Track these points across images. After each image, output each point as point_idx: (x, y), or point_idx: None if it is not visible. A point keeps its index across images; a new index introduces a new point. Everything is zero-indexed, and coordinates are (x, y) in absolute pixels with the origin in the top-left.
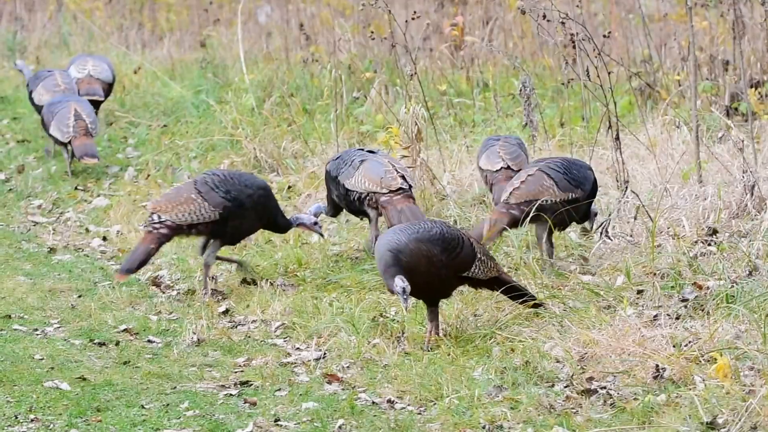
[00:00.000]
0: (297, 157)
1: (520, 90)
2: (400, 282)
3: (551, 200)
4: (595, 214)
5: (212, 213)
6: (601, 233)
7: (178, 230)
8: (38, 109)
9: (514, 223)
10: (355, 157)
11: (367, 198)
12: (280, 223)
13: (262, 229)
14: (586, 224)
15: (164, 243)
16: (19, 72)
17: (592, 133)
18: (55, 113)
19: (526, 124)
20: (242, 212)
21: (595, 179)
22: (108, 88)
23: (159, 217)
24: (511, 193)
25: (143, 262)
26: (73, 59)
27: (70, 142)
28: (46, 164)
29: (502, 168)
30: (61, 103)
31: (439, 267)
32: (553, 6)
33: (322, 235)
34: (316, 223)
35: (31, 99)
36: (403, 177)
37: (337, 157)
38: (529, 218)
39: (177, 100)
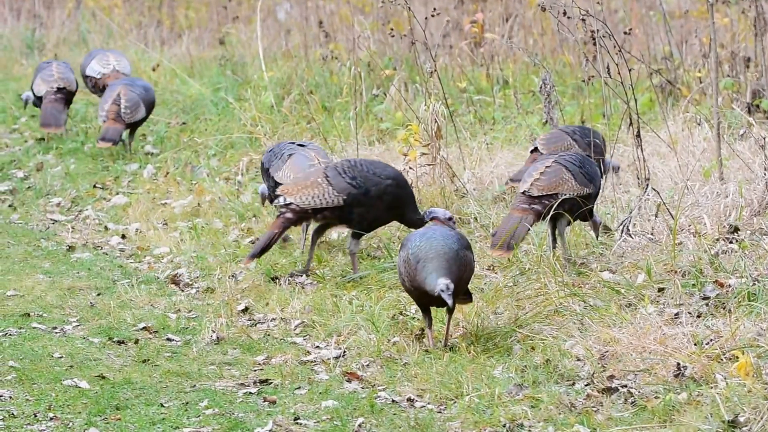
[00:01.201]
0: None
1: (541, 87)
2: (444, 280)
3: (570, 194)
4: (600, 223)
5: (336, 198)
6: (622, 231)
7: (303, 214)
8: (39, 100)
9: (539, 218)
10: (285, 151)
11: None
12: (410, 218)
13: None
14: (592, 233)
15: (288, 227)
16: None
17: (613, 130)
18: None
19: (547, 121)
20: (368, 200)
21: (601, 176)
22: None
23: (285, 199)
24: (532, 184)
25: (267, 247)
26: (92, 54)
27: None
28: (64, 162)
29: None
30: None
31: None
32: (573, 3)
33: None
34: (450, 218)
35: (32, 91)
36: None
37: (270, 150)
38: (551, 213)
39: (196, 97)
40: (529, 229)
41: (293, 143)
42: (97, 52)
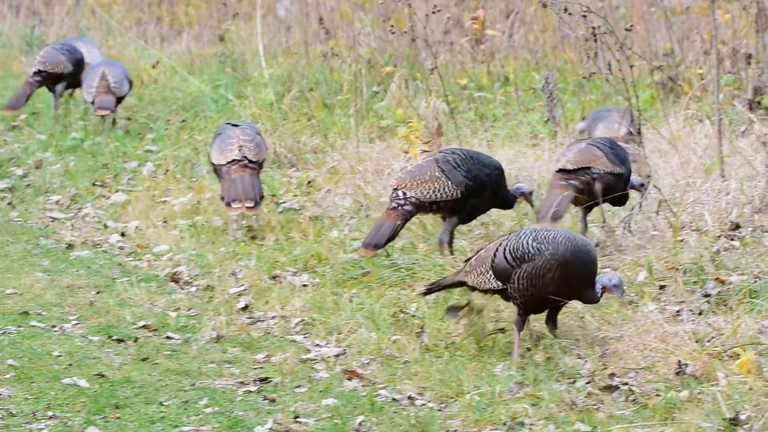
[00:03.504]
0: (316, 152)
1: (543, 86)
2: (614, 276)
3: (602, 170)
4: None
5: (455, 191)
6: (624, 228)
7: (421, 207)
8: None
9: (579, 193)
10: (217, 131)
11: (218, 170)
12: (509, 199)
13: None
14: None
15: (408, 219)
16: None
17: None
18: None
19: (548, 119)
20: (481, 191)
21: (631, 162)
22: None
23: (404, 193)
24: (567, 160)
25: (391, 238)
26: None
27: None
28: (64, 159)
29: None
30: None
31: None
32: None
33: (533, 205)
34: (531, 193)
35: None
36: (240, 147)
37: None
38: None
39: (196, 94)
40: (570, 202)
41: (228, 123)
42: (69, 41)
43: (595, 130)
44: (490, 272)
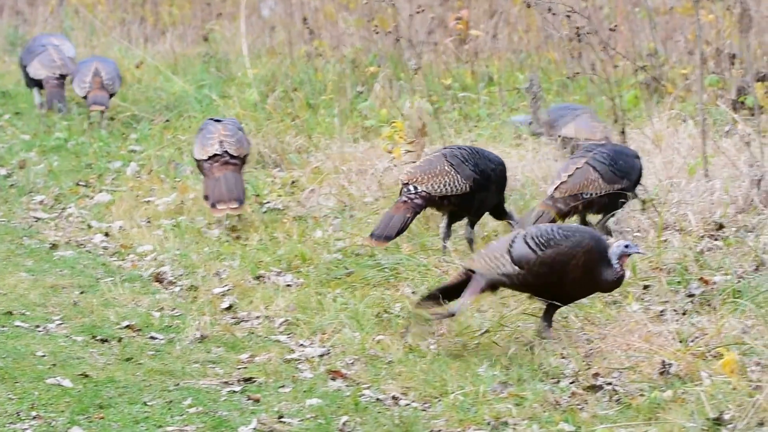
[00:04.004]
0: (300, 152)
1: (527, 88)
2: (621, 241)
3: (596, 193)
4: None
5: (464, 185)
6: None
7: (431, 201)
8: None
9: (562, 215)
10: (201, 127)
11: (200, 166)
12: (501, 204)
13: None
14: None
15: (418, 213)
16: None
17: None
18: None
19: (532, 122)
20: (488, 186)
21: (641, 167)
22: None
23: (415, 188)
24: (557, 188)
25: (401, 230)
26: (38, 39)
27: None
28: (48, 159)
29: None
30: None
31: None
32: None
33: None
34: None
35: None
36: (221, 143)
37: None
38: (568, 213)
39: (179, 94)
40: (548, 220)
41: (211, 119)
42: (41, 37)
43: (564, 128)
44: (507, 256)
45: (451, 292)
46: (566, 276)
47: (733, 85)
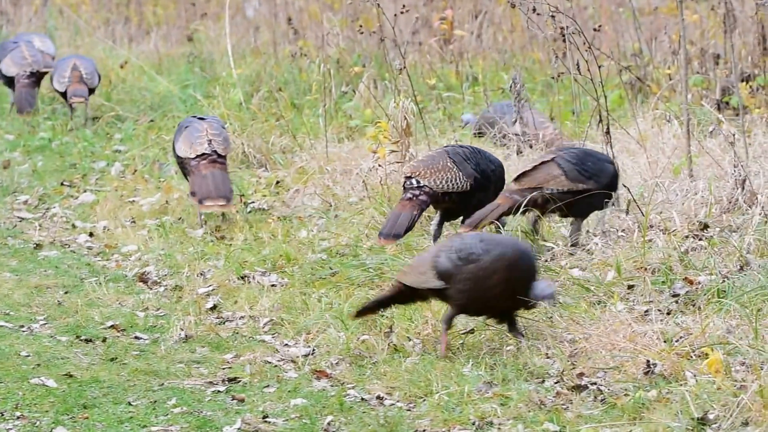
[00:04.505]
0: (285, 152)
1: (511, 86)
2: (548, 286)
3: (557, 189)
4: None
5: (465, 183)
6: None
7: (434, 198)
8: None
9: (516, 207)
10: (183, 124)
11: (185, 163)
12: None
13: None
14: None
15: (424, 210)
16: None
17: (583, 127)
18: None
19: (516, 120)
20: (488, 186)
21: (616, 173)
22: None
23: (418, 182)
24: (517, 179)
25: (409, 228)
26: (18, 37)
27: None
28: (32, 159)
29: None
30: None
31: None
32: None
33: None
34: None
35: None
36: (210, 142)
37: (179, 125)
38: (525, 205)
39: (164, 94)
40: (500, 216)
41: (194, 116)
42: (23, 35)
43: (510, 127)
44: (432, 271)
45: (388, 304)
46: (489, 291)
47: (718, 85)
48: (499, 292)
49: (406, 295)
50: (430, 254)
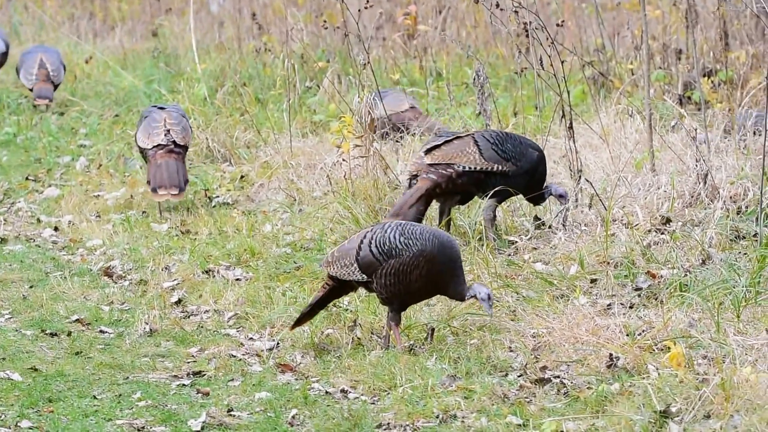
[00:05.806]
0: (250, 147)
1: (474, 79)
2: (485, 288)
3: (470, 167)
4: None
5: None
6: (562, 223)
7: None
8: None
9: (435, 188)
10: (144, 113)
11: (144, 153)
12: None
13: None
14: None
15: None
16: None
17: (546, 122)
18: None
19: (480, 113)
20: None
21: (540, 159)
22: (2, 57)
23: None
24: (429, 151)
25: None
26: None
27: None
28: None
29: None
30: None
31: None
32: None
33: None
34: None
35: None
36: (168, 132)
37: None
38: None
39: (129, 89)
40: (421, 198)
41: (155, 106)
42: None
43: (375, 111)
44: (355, 265)
45: (324, 304)
46: (412, 285)
47: (680, 80)
48: (421, 285)
49: (337, 289)
50: (354, 243)
